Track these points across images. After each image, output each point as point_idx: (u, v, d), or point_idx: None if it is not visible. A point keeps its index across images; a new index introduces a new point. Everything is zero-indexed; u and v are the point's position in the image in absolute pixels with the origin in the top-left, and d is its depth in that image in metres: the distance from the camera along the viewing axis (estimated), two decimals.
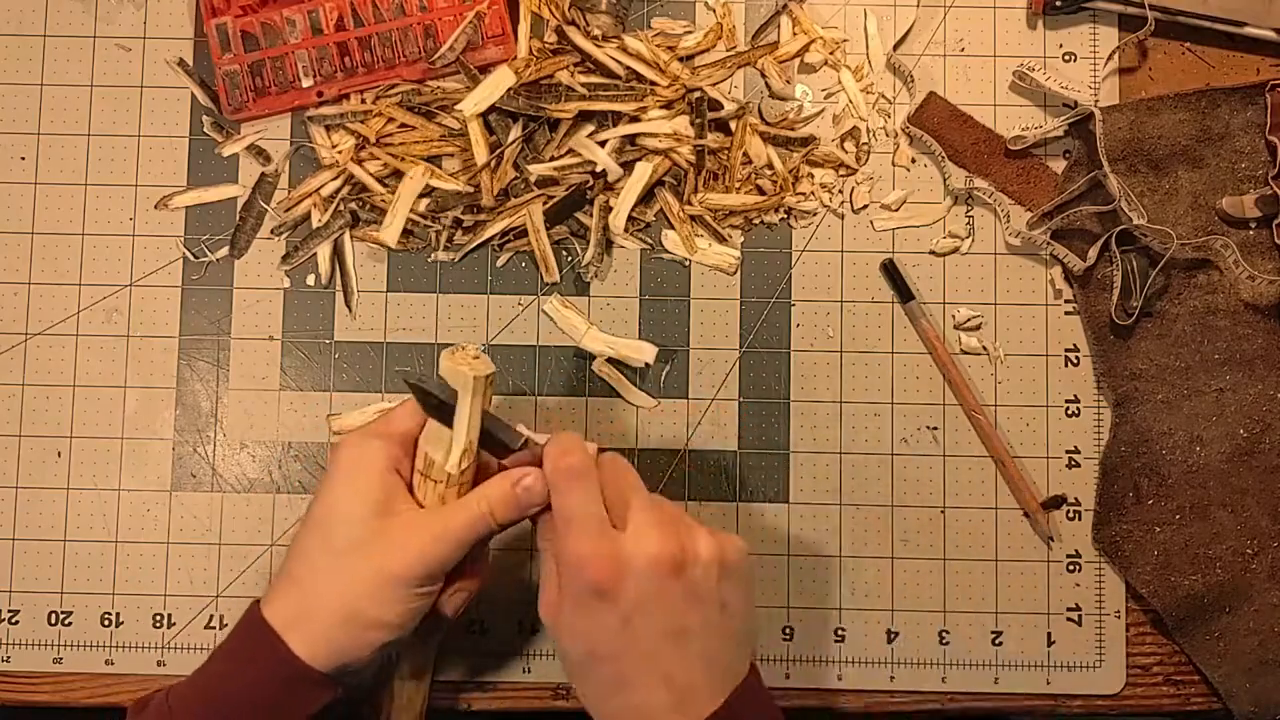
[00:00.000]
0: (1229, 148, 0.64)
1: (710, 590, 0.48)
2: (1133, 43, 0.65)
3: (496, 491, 0.50)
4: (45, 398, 0.65)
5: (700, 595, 0.48)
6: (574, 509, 0.49)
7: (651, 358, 0.63)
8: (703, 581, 0.48)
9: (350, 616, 0.49)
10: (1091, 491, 0.64)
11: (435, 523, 0.50)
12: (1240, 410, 0.63)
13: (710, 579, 0.48)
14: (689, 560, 0.48)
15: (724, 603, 0.49)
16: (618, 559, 0.47)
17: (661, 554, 0.47)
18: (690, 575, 0.48)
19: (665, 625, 0.47)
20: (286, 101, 0.65)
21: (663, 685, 0.47)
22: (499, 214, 0.64)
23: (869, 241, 0.65)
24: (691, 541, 0.49)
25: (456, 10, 0.64)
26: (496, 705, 0.63)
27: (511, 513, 0.50)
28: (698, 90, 0.64)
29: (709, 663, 0.48)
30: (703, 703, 0.47)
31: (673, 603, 0.47)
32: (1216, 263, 0.63)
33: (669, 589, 0.47)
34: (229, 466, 0.64)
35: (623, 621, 0.47)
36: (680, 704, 0.47)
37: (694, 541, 0.49)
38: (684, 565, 0.48)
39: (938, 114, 0.65)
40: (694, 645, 0.48)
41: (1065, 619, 0.63)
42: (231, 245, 0.65)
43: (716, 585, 0.49)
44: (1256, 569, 0.62)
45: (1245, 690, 0.62)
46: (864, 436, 0.64)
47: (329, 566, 0.49)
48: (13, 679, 0.63)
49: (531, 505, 0.50)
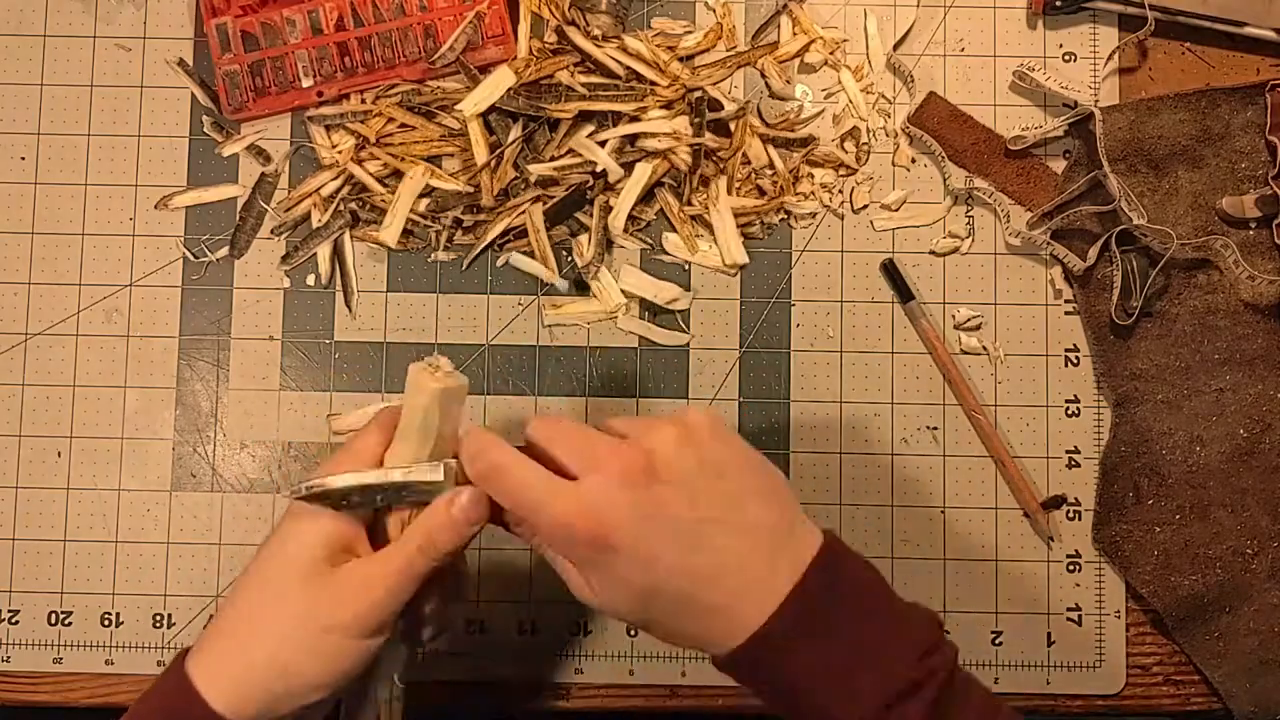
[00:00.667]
0: (1229, 148, 0.64)
1: (696, 469, 0.45)
2: (1133, 43, 0.65)
3: (434, 522, 0.47)
4: (45, 398, 0.65)
5: (690, 481, 0.45)
6: (518, 490, 0.45)
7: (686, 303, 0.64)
8: (683, 469, 0.45)
9: (283, 673, 0.46)
10: (1091, 491, 0.64)
11: (369, 569, 0.47)
12: (1240, 410, 0.63)
13: (688, 458, 0.45)
14: (655, 457, 0.45)
15: (720, 472, 0.46)
16: (590, 505, 0.44)
17: (623, 470, 0.44)
18: (667, 469, 0.45)
19: (676, 531, 0.44)
20: (286, 101, 0.65)
21: (712, 586, 0.44)
22: (499, 214, 0.64)
23: (869, 241, 0.65)
24: (646, 439, 0.46)
25: (456, 10, 0.64)
26: (498, 705, 0.63)
27: (452, 537, 0.47)
28: (698, 90, 0.64)
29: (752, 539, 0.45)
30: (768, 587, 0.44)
31: (670, 507, 0.44)
32: (1216, 263, 0.63)
33: (656, 496, 0.44)
34: (229, 466, 0.64)
35: (637, 556, 0.44)
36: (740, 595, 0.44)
37: (648, 437, 0.46)
38: (652, 465, 0.45)
39: (938, 114, 0.65)
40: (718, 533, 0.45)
41: (1065, 619, 0.63)
42: (231, 245, 0.65)
43: (699, 460, 0.46)
44: (1256, 569, 0.62)
45: (1245, 690, 0.62)
46: (864, 436, 0.64)
47: (264, 619, 0.46)
48: (13, 679, 0.63)
49: (472, 523, 0.47)
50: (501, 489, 0.46)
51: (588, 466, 0.45)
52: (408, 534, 0.48)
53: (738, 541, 0.45)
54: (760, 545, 0.45)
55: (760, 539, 0.45)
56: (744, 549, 0.45)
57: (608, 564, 0.45)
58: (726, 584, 0.44)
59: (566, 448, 0.46)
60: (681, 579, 0.44)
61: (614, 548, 0.44)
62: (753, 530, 0.45)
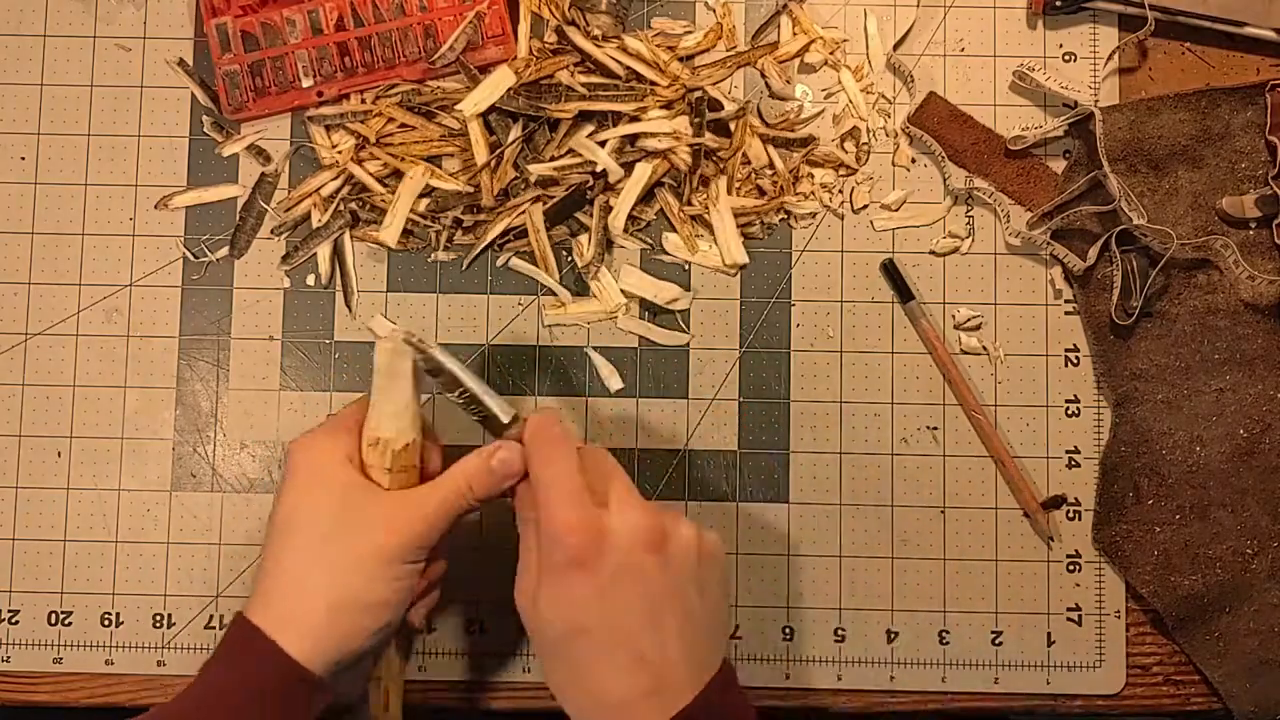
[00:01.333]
0: (1229, 148, 0.64)
1: (689, 571, 0.48)
2: (1133, 43, 0.65)
3: (472, 466, 0.50)
4: (45, 398, 0.65)
5: (679, 575, 0.48)
6: (555, 477, 0.48)
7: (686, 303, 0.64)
8: (682, 561, 0.48)
9: (344, 603, 0.48)
10: (1091, 491, 0.64)
11: (415, 498, 0.50)
12: (1240, 410, 0.63)
13: (689, 560, 0.48)
14: (670, 538, 0.48)
15: (701, 587, 0.49)
16: (599, 528, 0.47)
17: (643, 528, 0.47)
18: (670, 553, 0.48)
19: (643, 602, 0.47)
20: (286, 101, 0.65)
21: (638, 666, 0.47)
22: (499, 214, 0.64)
23: (869, 241, 0.65)
24: (672, 522, 0.49)
25: (456, 10, 0.64)
26: (496, 705, 0.63)
27: (487, 486, 0.50)
28: (698, 90, 0.64)
29: (687, 648, 0.48)
30: (679, 690, 0.47)
31: (652, 579, 0.47)
32: (1216, 263, 0.63)
33: (649, 565, 0.47)
34: (229, 466, 0.64)
35: (600, 593, 0.47)
36: (656, 688, 0.46)
37: (674, 523, 0.49)
38: (664, 543, 0.48)
39: (938, 114, 0.65)
40: (670, 626, 0.47)
41: (1065, 619, 0.63)
42: (231, 245, 0.65)
43: (695, 567, 0.49)
44: (1256, 569, 0.62)
45: (1245, 690, 0.62)
46: (864, 436, 0.64)
47: (311, 559, 0.49)
48: (13, 679, 0.63)
49: (507, 478, 0.50)
50: (543, 470, 0.49)
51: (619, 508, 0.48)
52: (449, 474, 0.51)
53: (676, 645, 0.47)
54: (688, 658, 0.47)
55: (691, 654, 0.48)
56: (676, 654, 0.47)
57: (569, 582, 0.47)
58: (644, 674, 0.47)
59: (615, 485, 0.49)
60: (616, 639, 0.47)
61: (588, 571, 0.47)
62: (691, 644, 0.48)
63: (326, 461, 0.50)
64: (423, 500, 0.50)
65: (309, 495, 0.50)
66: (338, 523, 0.49)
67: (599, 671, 0.47)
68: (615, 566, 0.47)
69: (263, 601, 0.49)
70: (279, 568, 0.49)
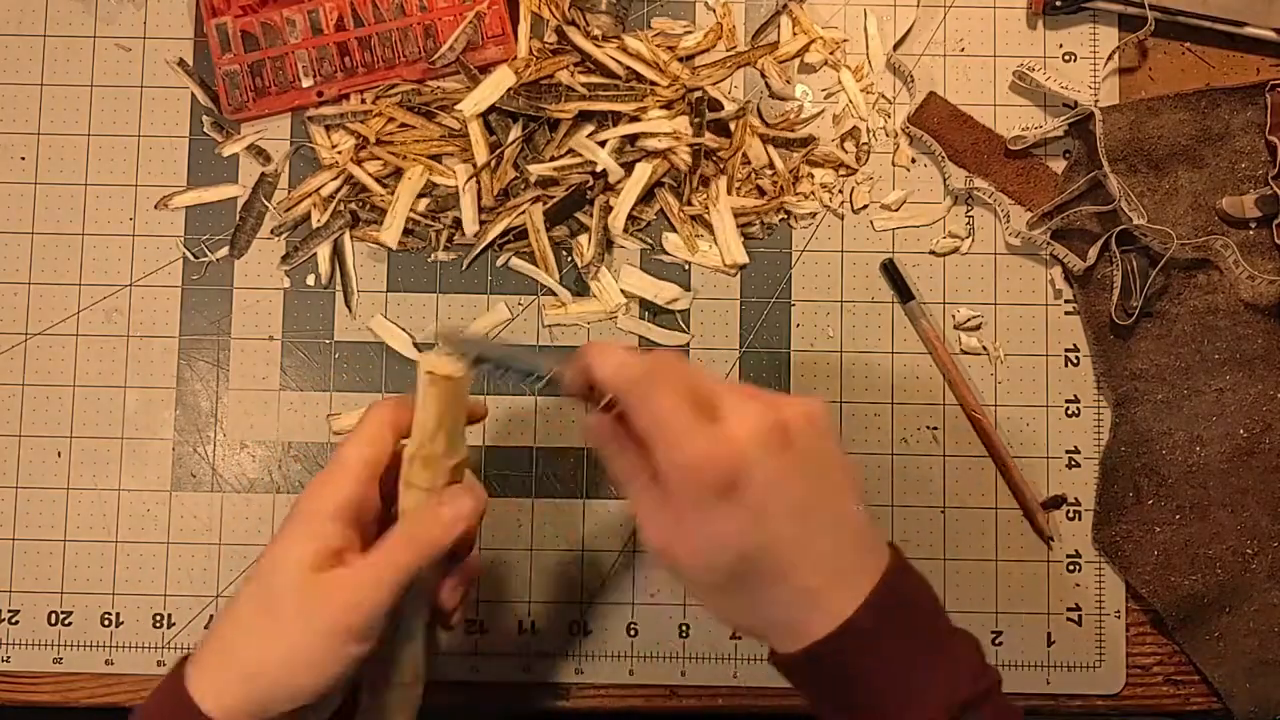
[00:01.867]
0: (1229, 148, 0.64)
1: (816, 452, 0.45)
2: (1133, 43, 0.65)
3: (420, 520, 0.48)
4: (45, 398, 0.65)
5: (812, 461, 0.45)
6: (659, 415, 0.44)
7: (685, 303, 0.64)
8: (807, 445, 0.45)
9: (270, 679, 0.46)
10: (1091, 491, 0.64)
11: (357, 571, 0.46)
12: (1240, 410, 0.63)
13: (812, 440, 0.45)
14: (789, 426, 0.44)
15: (828, 463, 0.45)
16: (730, 450, 0.43)
17: (767, 429, 0.44)
18: (795, 443, 0.44)
19: (798, 502, 0.44)
20: (286, 101, 0.65)
21: (816, 566, 0.44)
22: (499, 214, 0.64)
23: (869, 241, 0.65)
24: (782, 408, 0.45)
25: (456, 10, 0.64)
26: (497, 705, 0.63)
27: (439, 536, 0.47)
28: (698, 90, 0.64)
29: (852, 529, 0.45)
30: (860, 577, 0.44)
31: (794, 477, 0.44)
32: (1216, 263, 0.63)
33: (786, 464, 0.44)
34: (229, 466, 0.64)
35: (757, 516, 0.43)
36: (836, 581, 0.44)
37: (784, 407, 0.45)
38: (787, 433, 0.44)
39: (938, 114, 0.65)
40: (828, 515, 0.45)
41: (1065, 619, 0.63)
42: (231, 245, 0.65)
43: (819, 445, 0.45)
44: (1256, 569, 0.62)
45: (1245, 690, 0.62)
46: (864, 436, 0.64)
47: (255, 626, 0.47)
48: (13, 679, 0.63)
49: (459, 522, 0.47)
50: (645, 409, 0.44)
51: (732, 416, 0.44)
52: (392, 537, 0.47)
53: (839, 529, 0.45)
54: (855, 541, 0.45)
55: (855, 535, 0.46)
56: (843, 539, 0.45)
57: (721, 513, 0.43)
58: (823, 569, 0.44)
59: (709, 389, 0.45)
60: (786, 551, 0.44)
61: (736, 496, 0.43)
62: (851, 525, 0.45)
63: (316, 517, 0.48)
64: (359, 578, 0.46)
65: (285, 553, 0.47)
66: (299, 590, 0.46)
67: (780, 591, 0.44)
68: (762, 480, 0.43)
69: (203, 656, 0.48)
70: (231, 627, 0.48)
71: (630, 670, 0.63)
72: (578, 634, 0.63)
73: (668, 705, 0.63)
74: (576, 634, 0.63)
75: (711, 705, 0.63)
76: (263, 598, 0.47)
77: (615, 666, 0.63)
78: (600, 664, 0.63)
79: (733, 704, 0.63)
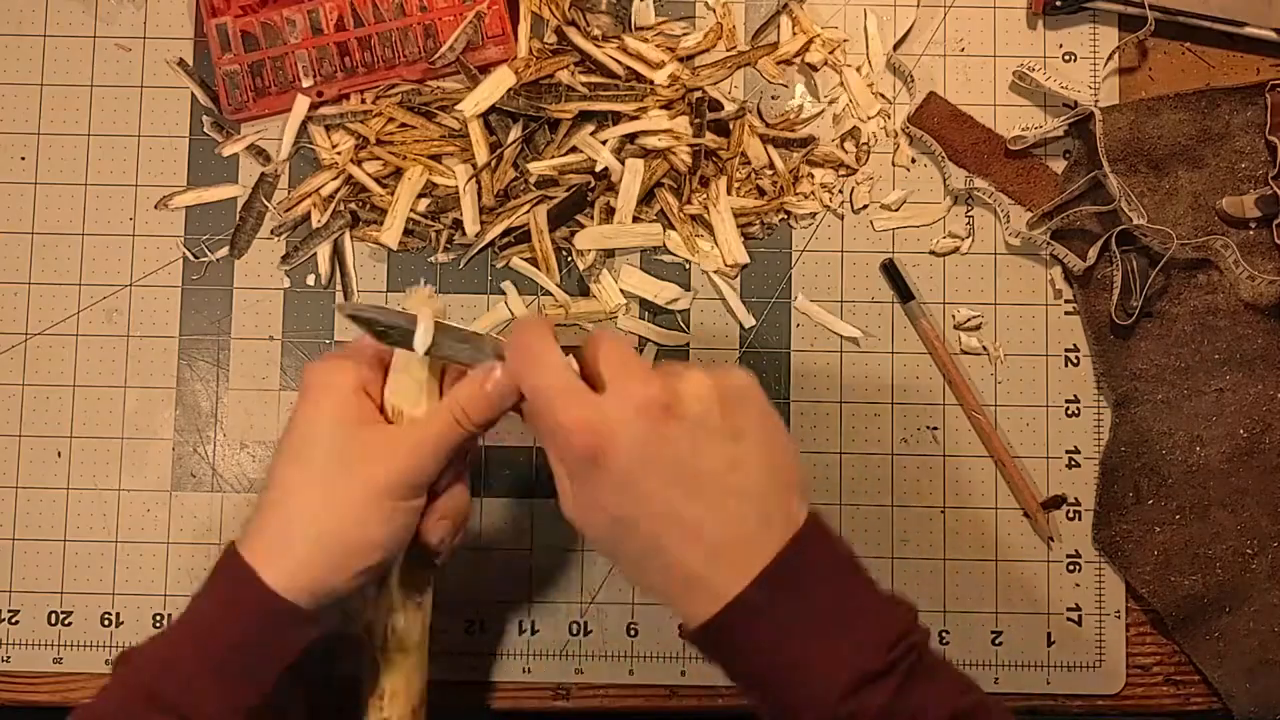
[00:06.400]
0: (1229, 148, 0.64)
1: (714, 425, 0.45)
2: (1133, 43, 0.65)
3: (465, 392, 0.48)
4: (45, 398, 0.65)
5: (704, 433, 0.44)
6: (542, 383, 0.46)
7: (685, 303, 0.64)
8: (702, 416, 0.44)
9: (332, 539, 0.47)
10: (1091, 491, 0.64)
11: (412, 431, 0.48)
12: (1240, 410, 0.63)
13: (711, 413, 0.45)
14: (680, 397, 0.45)
15: (736, 434, 0.45)
16: (598, 419, 0.44)
17: (643, 399, 0.44)
18: (685, 414, 0.44)
19: (674, 473, 0.44)
20: (286, 101, 0.65)
21: (694, 538, 0.44)
22: (499, 214, 0.64)
23: (869, 241, 0.65)
24: (680, 381, 0.45)
25: (456, 10, 0.64)
26: (497, 705, 0.63)
27: (484, 410, 0.48)
28: (698, 90, 0.64)
29: (746, 502, 0.44)
30: (751, 555, 0.44)
31: (673, 449, 0.44)
32: (1216, 263, 0.63)
33: (665, 435, 0.44)
34: (229, 466, 0.64)
35: (626, 482, 0.44)
36: (721, 553, 0.44)
37: (682, 381, 0.45)
38: (673, 405, 0.44)
39: (938, 114, 0.65)
40: (714, 487, 0.44)
41: (1065, 619, 0.63)
42: (231, 245, 0.65)
43: (721, 418, 0.45)
44: (1256, 569, 0.62)
45: (1245, 690, 0.62)
46: (864, 436, 0.64)
47: (306, 488, 0.47)
48: (13, 679, 0.63)
49: (503, 399, 0.48)
50: (527, 374, 0.47)
51: (615, 387, 0.45)
52: (444, 403, 0.49)
53: (725, 505, 0.44)
54: (747, 517, 0.44)
55: (750, 511, 0.44)
56: (730, 515, 0.44)
57: (593, 480, 0.44)
58: (701, 544, 0.44)
59: (607, 363, 0.46)
60: (659, 522, 0.44)
61: (605, 466, 0.44)
62: (745, 500, 0.45)
63: (340, 386, 0.49)
64: (416, 434, 0.48)
65: (317, 419, 0.48)
66: (333, 456, 0.47)
67: (658, 556, 0.44)
68: (629, 450, 0.44)
69: (253, 530, 0.48)
70: (276, 493, 0.48)
71: (630, 670, 0.63)
72: (578, 634, 0.63)
73: (668, 705, 0.63)
74: (576, 634, 0.63)
75: (711, 705, 0.63)
76: (308, 463, 0.48)
77: (615, 666, 0.63)
78: (600, 664, 0.63)
79: (733, 704, 0.63)
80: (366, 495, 0.47)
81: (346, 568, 0.47)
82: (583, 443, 0.44)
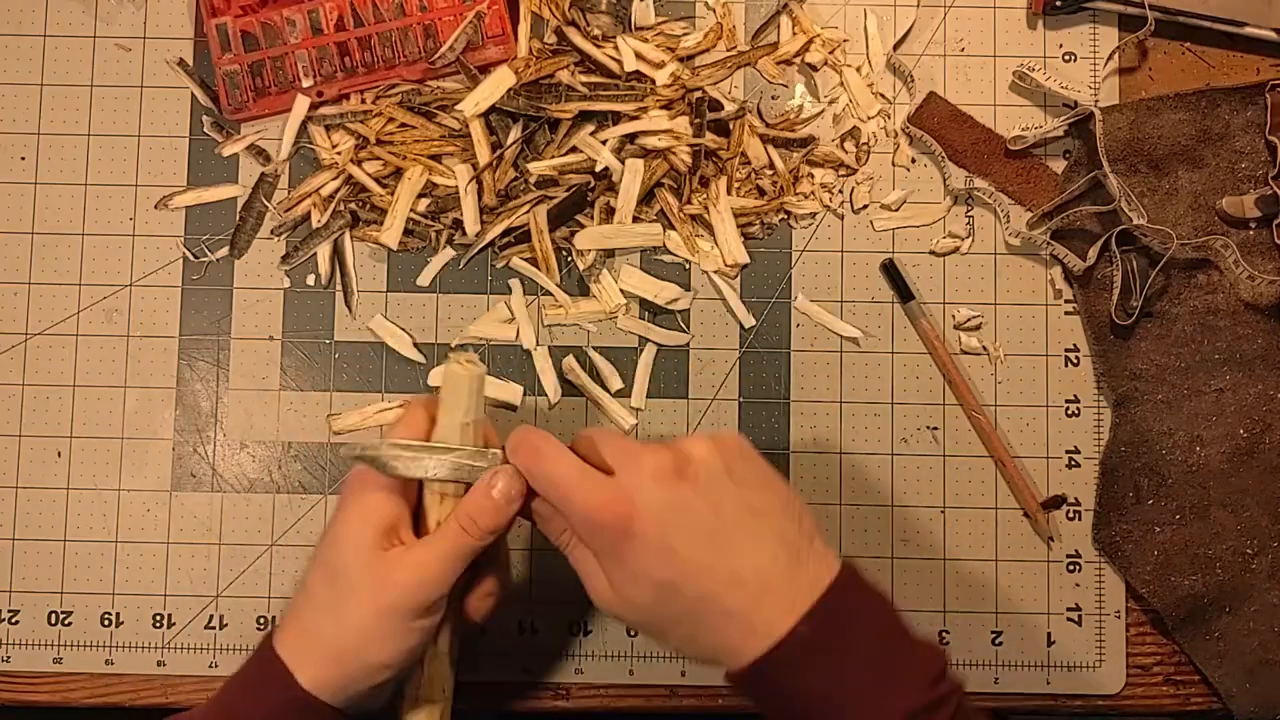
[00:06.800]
0: (1229, 148, 0.64)
1: (724, 479, 0.47)
2: (1133, 43, 0.65)
3: (473, 505, 0.50)
4: (45, 398, 0.65)
5: (717, 487, 0.47)
6: (556, 473, 0.48)
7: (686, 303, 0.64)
8: (712, 473, 0.47)
9: (350, 656, 0.49)
10: (1091, 491, 0.64)
11: (419, 552, 0.49)
12: (1240, 410, 0.63)
13: (716, 469, 0.47)
14: (688, 460, 0.47)
15: (747, 485, 0.48)
16: (621, 492, 0.46)
17: (656, 468, 0.46)
18: (697, 474, 0.47)
19: (700, 530, 0.46)
20: (286, 101, 0.65)
21: (735, 587, 0.46)
22: (499, 214, 0.64)
23: (869, 241, 0.65)
24: (681, 446, 0.48)
25: (456, 10, 0.64)
26: (496, 705, 0.63)
27: (493, 517, 0.49)
28: (698, 90, 0.64)
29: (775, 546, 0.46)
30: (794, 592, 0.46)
31: (695, 506, 0.46)
32: (1216, 263, 0.63)
33: (684, 495, 0.46)
34: (229, 466, 0.64)
35: (659, 546, 0.46)
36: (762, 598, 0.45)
37: (683, 446, 0.48)
38: (684, 468, 0.47)
39: (938, 114, 0.65)
40: (741, 537, 0.46)
41: (1065, 619, 0.63)
42: (231, 245, 0.65)
43: (726, 473, 0.47)
44: (1256, 569, 0.62)
45: (1245, 690, 0.62)
46: (864, 436, 0.64)
47: (328, 606, 0.49)
48: (13, 679, 0.63)
49: (511, 503, 0.50)
50: (539, 473, 0.48)
51: (624, 465, 0.47)
52: (451, 517, 0.50)
53: (759, 549, 0.47)
54: (780, 557, 0.47)
55: (781, 551, 0.47)
56: (764, 557, 0.46)
57: (629, 553, 0.46)
58: (746, 589, 0.46)
59: (609, 448, 0.48)
60: (701, 577, 0.46)
61: (636, 534, 0.46)
62: (774, 541, 0.47)
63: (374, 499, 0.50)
64: (428, 551, 0.49)
65: (337, 545, 0.50)
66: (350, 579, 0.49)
67: (706, 612, 0.46)
68: (657, 514, 0.46)
69: (287, 625, 0.51)
70: (304, 603, 0.51)
71: (630, 670, 0.63)
72: (578, 634, 0.63)
73: (668, 705, 0.63)
74: (576, 634, 0.63)
75: (711, 705, 0.63)
76: (330, 580, 0.50)
77: (615, 666, 0.63)
78: (600, 664, 0.63)
79: (732, 704, 0.63)
80: (379, 618, 0.48)
81: (362, 680, 0.49)
82: (611, 517, 0.46)
